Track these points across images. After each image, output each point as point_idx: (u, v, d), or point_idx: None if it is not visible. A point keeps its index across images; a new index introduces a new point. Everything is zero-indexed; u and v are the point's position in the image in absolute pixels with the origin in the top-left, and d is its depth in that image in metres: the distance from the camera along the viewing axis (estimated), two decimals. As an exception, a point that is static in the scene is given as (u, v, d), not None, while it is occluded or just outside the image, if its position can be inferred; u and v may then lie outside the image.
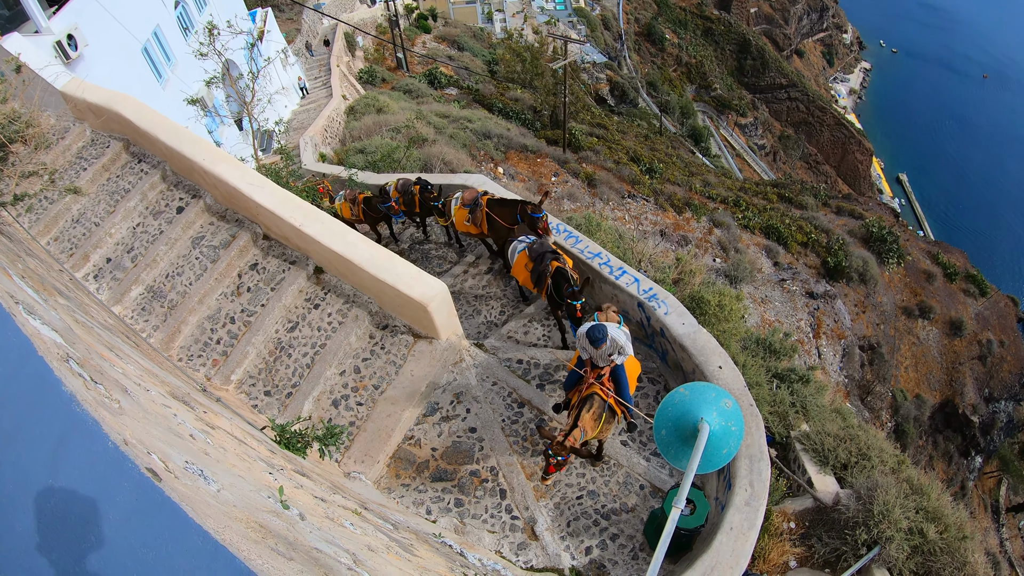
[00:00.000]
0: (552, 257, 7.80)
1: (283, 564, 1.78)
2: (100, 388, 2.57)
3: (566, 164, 16.38)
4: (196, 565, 1.63)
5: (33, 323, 2.69)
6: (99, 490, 1.86)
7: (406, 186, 10.72)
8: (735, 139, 56.45)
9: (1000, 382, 23.29)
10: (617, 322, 6.84)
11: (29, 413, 2.12)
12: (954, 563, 6.21)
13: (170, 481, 1.92)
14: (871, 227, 20.55)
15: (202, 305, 8.45)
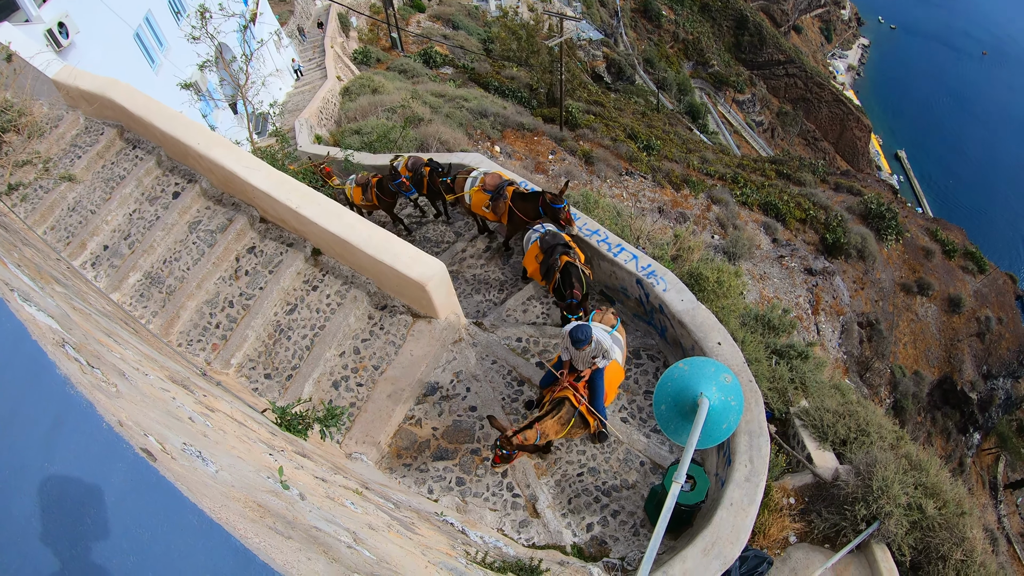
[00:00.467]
0: (563, 251, 7.67)
1: (281, 542, 1.79)
2: (97, 372, 2.56)
3: (563, 142, 16.28)
4: (191, 543, 1.63)
5: (28, 309, 2.68)
6: (94, 472, 1.86)
7: (416, 164, 10.52)
8: (733, 115, 56.12)
9: (998, 359, 23.36)
10: (612, 325, 6.79)
11: (24, 397, 2.11)
12: (953, 539, 6.24)
13: (165, 461, 1.93)
14: (869, 203, 20.49)
15: (200, 290, 8.43)
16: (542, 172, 14.67)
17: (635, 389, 7.76)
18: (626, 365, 7.98)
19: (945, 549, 6.22)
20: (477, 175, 9.32)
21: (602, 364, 6.35)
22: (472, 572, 2.93)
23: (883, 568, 6.16)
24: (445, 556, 3.16)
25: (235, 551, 1.60)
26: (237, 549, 1.60)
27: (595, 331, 6.12)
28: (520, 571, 3.78)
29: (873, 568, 6.27)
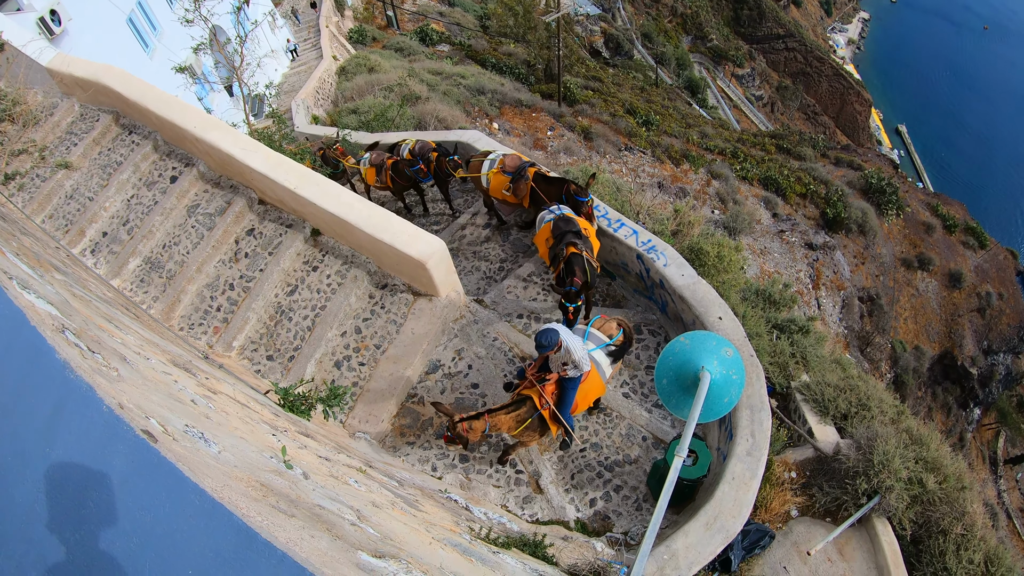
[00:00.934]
0: (573, 239, 7.35)
1: (284, 520, 1.79)
2: (98, 357, 2.56)
3: (561, 118, 16.16)
4: (193, 523, 1.64)
5: (27, 296, 2.67)
6: (95, 455, 1.86)
7: (424, 149, 10.17)
8: (732, 90, 55.63)
9: (999, 334, 23.36)
10: (610, 336, 6.54)
11: (24, 383, 2.11)
12: (953, 513, 6.27)
13: (167, 443, 1.93)
14: (870, 178, 20.36)
15: (200, 273, 8.43)
16: (541, 148, 14.58)
17: (636, 364, 7.78)
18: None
19: (945, 523, 6.25)
20: (495, 157, 8.97)
21: (572, 374, 6.09)
22: (476, 548, 2.95)
23: (884, 542, 6.20)
24: (449, 532, 3.19)
25: (237, 530, 1.60)
26: (239, 528, 1.60)
27: (569, 340, 5.82)
28: (524, 546, 3.82)
29: (874, 542, 6.31)
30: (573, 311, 7.08)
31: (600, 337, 6.50)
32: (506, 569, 2.76)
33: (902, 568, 6.04)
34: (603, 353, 6.47)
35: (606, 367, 6.48)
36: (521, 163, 8.64)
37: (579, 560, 4.11)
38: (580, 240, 7.29)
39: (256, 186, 8.68)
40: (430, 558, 2.26)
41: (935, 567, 6.22)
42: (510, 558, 3.13)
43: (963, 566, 6.13)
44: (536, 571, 3.10)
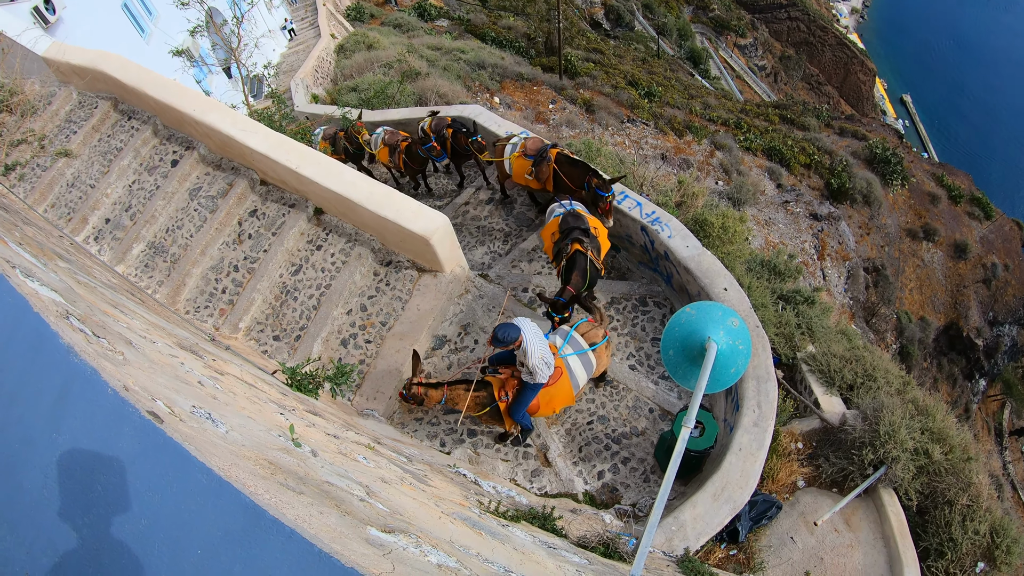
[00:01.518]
0: (579, 236, 7.01)
1: (292, 498, 1.81)
2: (103, 342, 2.57)
3: (563, 91, 16.01)
4: (201, 502, 1.64)
5: (31, 284, 2.67)
6: (102, 438, 1.87)
7: (439, 126, 9.87)
8: (735, 60, 54.86)
9: (1004, 306, 23.23)
10: (593, 343, 6.31)
11: (29, 369, 2.11)
12: (959, 484, 6.25)
13: (173, 423, 1.94)
14: (875, 148, 20.10)
15: (204, 256, 8.44)
16: (543, 122, 14.47)
17: (642, 336, 7.79)
18: (633, 314, 7.98)
19: (951, 494, 6.25)
20: (517, 140, 8.68)
21: (525, 378, 5.91)
22: (486, 522, 2.97)
23: (890, 512, 6.21)
24: (459, 507, 3.21)
25: (244, 508, 1.61)
26: (247, 505, 1.61)
27: (532, 343, 5.59)
28: (533, 519, 3.85)
29: (880, 512, 6.33)
30: (558, 321, 6.84)
31: (580, 343, 6.28)
32: (515, 542, 2.78)
33: (908, 538, 6.05)
34: (580, 358, 6.24)
35: (581, 376, 6.25)
36: (542, 146, 8.37)
37: (588, 532, 4.15)
38: (587, 239, 7.04)
39: (257, 167, 8.66)
40: (440, 532, 2.28)
41: (941, 537, 6.23)
42: (519, 531, 3.16)
43: (969, 537, 6.14)
44: (545, 543, 3.12)
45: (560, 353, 6.19)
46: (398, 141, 10.42)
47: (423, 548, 1.87)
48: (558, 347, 6.23)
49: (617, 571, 3.08)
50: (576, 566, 2.80)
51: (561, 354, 6.20)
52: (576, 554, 3.20)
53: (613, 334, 7.84)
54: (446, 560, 1.86)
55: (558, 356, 6.15)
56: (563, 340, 6.31)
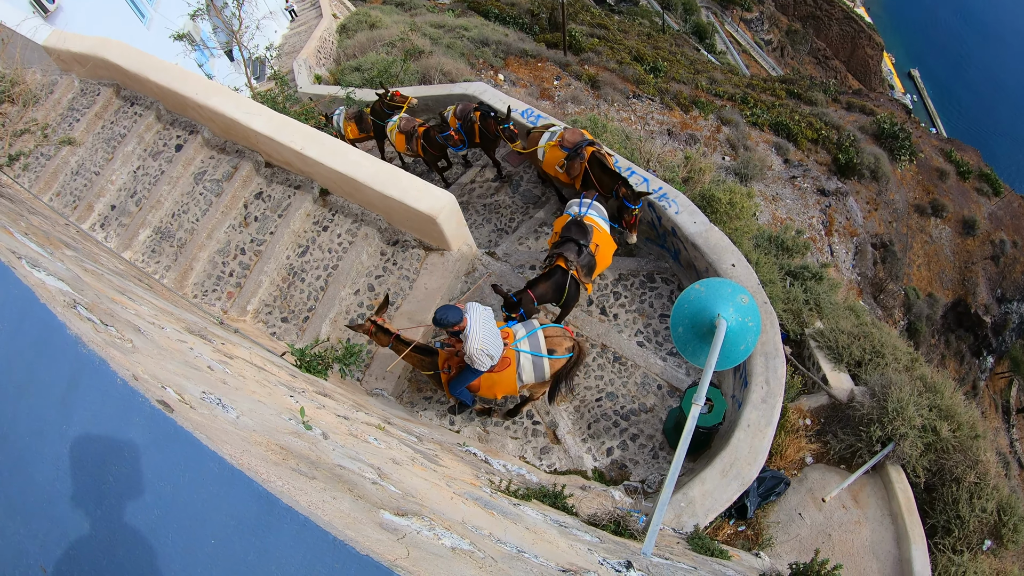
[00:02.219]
0: (568, 251, 6.78)
1: (304, 483, 1.81)
2: (111, 330, 2.57)
3: (567, 67, 15.84)
4: (213, 491, 1.64)
5: (37, 275, 2.67)
6: (112, 428, 1.87)
7: (466, 112, 9.31)
8: (741, 35, 54.09)
9: (1012, 283, 23.02)
10: (550, 352, 6.12)
11: (37, 361, 2.11)
12: (966, 461, 6.24)
13: (183, 412, 1.94)
14: (882, 123, 19.83)
15: (211, 240, 8.46)
16: (547, 98, 14.35)
17: (650, 313, 7.78)
18: (640, 291, 7.96)
19: (959, 472, 6.24)
20: (556, 130, 8.27)
21: (465, 359, 5.88)
22: (497, 501, 2.99)
23: (898, 489, 6.21)
24: (470, 486, 3.22)
25: (257, 496, 1.61)
26: (259, 494, 1.60)
27: (476, 331, 5.65)
28: (544, 498, 3.87)
29: (888, 489, 6.33)
30: (506, 319, 6.69)
31: (540, 346, 6.12)
32: (527, 521, 2.80)
33: (916, 515, 6.06)
34: (533, 358, 6.10)
35: (528, 375, 6.14)
36: (580, 140, 7.95)
37: (598, 510, 4.17)
38: (576, 256, 6.78)
39: (262, 149, 8.64)
40: (452, 513, 2.29)
41: (948, 515, 6.24)
42: (531, 510, 3.18)
43: (976, 514, 6.14)
44: (557, 522, 3.14)
45: (514, 344, 6.08)
46: (414, 127, 9.92)
47: (436, 531, 1.88)
48: (516, 337, 6.13)
49: (628, 549, 3.10)
50: (588, 544, 2.81)
51: (515, 346, 6.08)
52: (587, 532, 3.22)
53: (621, 310, 7.83)
54: (460, 543, 1.86)
55: (510, 347, 6.04)
56: (525, 333, 6.20)
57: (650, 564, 2.72)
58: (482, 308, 5.88)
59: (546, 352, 6.10)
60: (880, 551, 6.02)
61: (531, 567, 1.93)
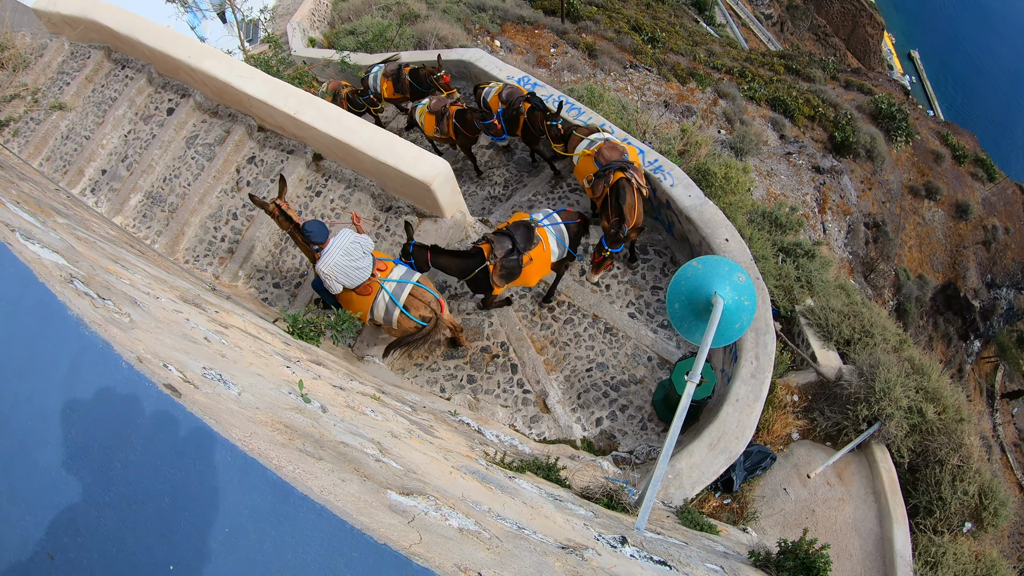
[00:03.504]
0: (506, 245, 6.64)
1: (313, 465, 1.80)
2: (108, 304, 2.53)
3: (565, 35, 15.62)
4: (227, 480, 1.63)
5: (32, 248, 2.62)
6: (118, 414, 1.84)
7: (512, 97, 8.41)
8: (741, 8, 53.16)
9: (1003, 269, 23.09)
10: (405, 308, 6.33)
11: (37, 344, 2.07)
12: (950, 444, 6.35)
13: (190, 394, 1.92)
14: (880, 103, 19.67)
15: (203, 205, 8.39)
16: (544, 66, 14.17)
17: (642, 285, 7.81)
18: (633, 262, 7.96)
19: (943, 454, 6.35)
20: (598, 139, 7.58)
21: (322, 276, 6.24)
22: (493, 474, 3.02)
23: (882, 468, 6.33)
24: (466, 459, 3.25)
25: (272, 485, 1.60)
26: (274, 483, 1.59)
27: (333, 255, 6.06)
28: (538, 470, 3.92)
29: (872, 468, 6.45)
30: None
31: (401, 294, 6.36)
32: (524, 496, 2.83)
33: (899, 495, 6.18)
34: (388, 302, 6.34)
35: (380, 310, 6.39)
36: (614, 161, 7.18)
37: (591, 483, 4.23)
38: (504, 256, 6.63)
39: (255, 113, 8.53)
40: (452, 489, 2.31)
41: (930, 496, 6.37)
42: (526, 483, 3.22)
43: (958, 496, 6.27)
44: (552, 496, 3.18)
45: (382, 279, 6.38)
46: (445, 106, 8.99)
47: (443, 511, 1.89)
48: (389, 275, 6.44)
49: (622, 523, 3.15)
50: (583, 519, 2.86)
51: (382, 280, 6.36)
52: (581, 506, 3.27)
53: (613, 281, 7.86)
54: (466, 523, 1.88)
55: (377, 279, 6.36)
56: (398, 277, 6.45)
57: (644, 539, 2.78)
58: (353, 238, 6.20)
59: (402, 305, 6.32)
60: (862, 529, 6.14)
61: (533, 545, 1.96)
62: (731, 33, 45.24)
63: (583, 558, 2.06)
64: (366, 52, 12.62)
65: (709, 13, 44.25)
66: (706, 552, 3.27)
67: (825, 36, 60.42)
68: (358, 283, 6.31)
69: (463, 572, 1.44)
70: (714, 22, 43.54)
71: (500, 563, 1.64)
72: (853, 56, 59.33)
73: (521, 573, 1.63)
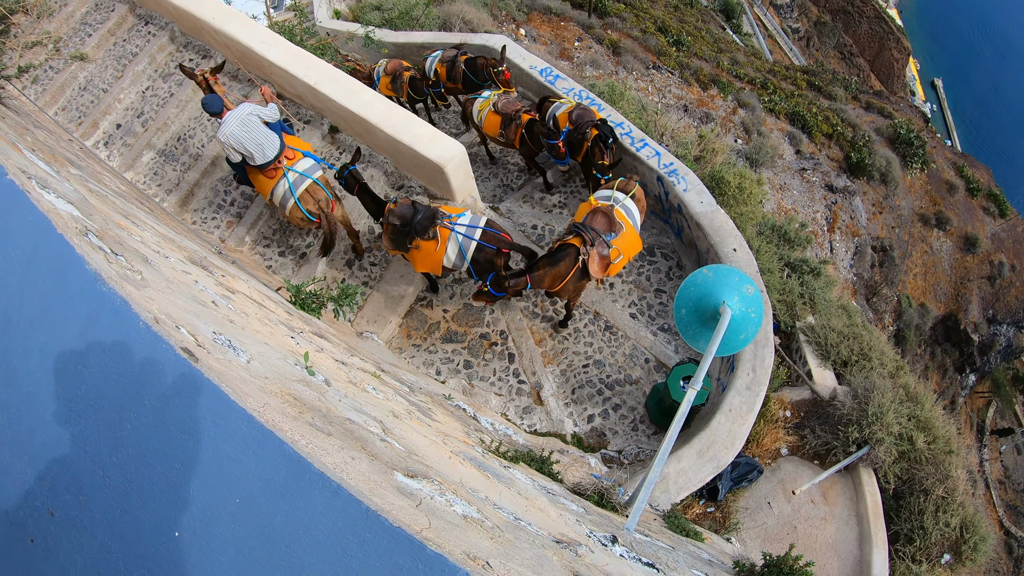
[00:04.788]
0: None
1: (324, 441, 1.78)
2: (121, 260, 2.51)
3: (590, 29, 15.50)
4: (243, 451, 1.61)
5: (48, 197, 2.59)
6: (133, 374, 1.79)
7: (582, 120, 7.66)
8: (769, 19, 52.83)
9: (1005, 306, 23.01)
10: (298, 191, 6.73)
11: (52, 296, 2.02)
12: (937, 475, 6.37)
13: (205, 359, 1.89)
14: (899, 128, 19.55)
15: (215, 167, 8.37)
16: (567, 59, 14.09)
17: (646, 286, 7.81)
18: (639, 263, 7.96)
19: (929, 484, 6.37)
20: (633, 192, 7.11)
21: None
22: (489, 462, 3.02)
23: (867, 492, 6.35)
24: (463, 445, 3.26)
25: (288, 459, 1.57)
26: (291, 457, 1.56)
27: (225, 123, 6.38)
28: (531, 461, 3.93)
29: (857, 491, 6.47)
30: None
31: (301, 186, 6.80)
32: (519, 486, 2.84)
33: (881, 520, 6.21)
34: (281, 192, 6.79)
35: (280, 192, 6.78)
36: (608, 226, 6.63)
37: (583, 479, 4.25)
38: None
39: (275, 80, 8.49)
40: (452, 474, 2.29)
41: (912, 524, 6.39)
42: (520, 474, 3.22)
43: (939, 527, 6.28)
44: (545, 488, 3.19)
45: (287, 166, 6.78)
46: (518, 111, 8.11)
47: (447, 496, 1.88)
48: (295, 164, 6.83)
49: (612, 522, 3.16)
50: (575, 515, 2.87)
51: (287, 167, 6.78)
52: (573, 501, 3.28)
53: (617, 280, 7.87)
54: (469, 510, 1.87)
55: (283, 167, 6.77)
56: (303, 169, 6.85)
57: (633, 540, 2.79)
58: (251, 110, 6.47)
59: (296, 196, 6.76)
60: (842, 550, 6.17)
61: (531, 538, 1.96)
62: (757, 43, 45.01)
63: (577, 554, 2.06)
64: (391, 29, 12.53)
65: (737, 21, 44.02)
66: (692, 558, 3.28)
67: (850, 55, 60.06)
68: (261, 159, 6.60)
69: (472, 560, 1.43)
70: (741, 31, 43.30)
71: (505, 553, 1.63)
72: (876, 78, 59.02)
73: (524, 565, 1.63)
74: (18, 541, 1.65)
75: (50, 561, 1.61)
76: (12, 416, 1.80)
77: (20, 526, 1.65)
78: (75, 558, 1.59)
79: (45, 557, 1.62)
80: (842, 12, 63.38)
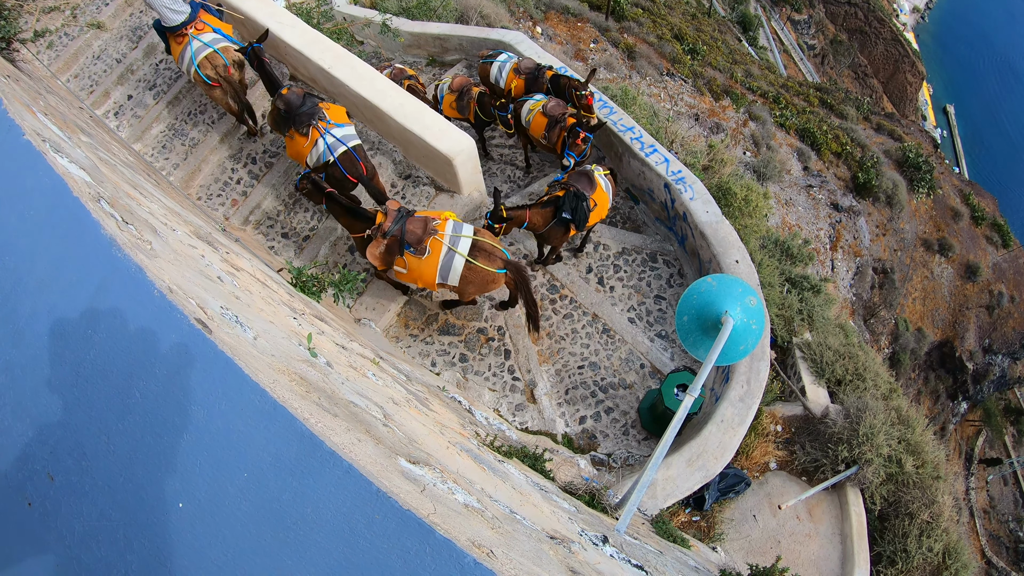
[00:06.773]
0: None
1: (332, 421, 1.77)
2: (131, 229, 2.49)
3: (607, 32, 15.48)
4: (255, 425, 1.59)
5: (61, 161, 2.55)
6: (144, 342, 1.78)
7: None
8: (785, 34, 52.85)
9: (1002, 336, 23.05)
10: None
11: (65, 259, 1.99)
12: (923, 499, 6.40)
13: (218, 332, 1.88)
14: (908, 151, 19.58)
15: (224, 145, 8.35)
16: (581, 60, 14.08)
17: (646, 292, 7.82)
18: (641, 268, 7.97)
19: (914, 508, 6.40)
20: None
21: None
22: (485, 456, 3.02)
23: (853, 511, 6.38)
24: (460, 436, 3.26)
25: (300, 436, 1.55)
26: (302, 434, 1.55)
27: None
28: (524, 458, 3.93)
29: (843, 509, 6.49)
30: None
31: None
32: (513, 480, 2.84)
33: (865, 540, 6.23)
34: (190, 55, 7.41)
35: (186, 58, 7.42)
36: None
37: (574, 479, 4.26)
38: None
39: (289, 62, 8.48)
40: (450, 464, 2.29)
41: (895, 547, 6.41)
42: (514, 469, 3.23)
43: (922, 552, 6.31)
44: (538, 485, 3.20)
45: (193, 35, 7.42)
46: (564, 115, 7.89)
47: (448, 484, 1.88)
48: (200, 34, 7.45)
49: (603, 523, 3.17)
50: (568, 513, 2.87)
51: (192, 35, 7.42)
52: (565, 500, 3.29)
53: (618, 283, 7.87)
54: (469, 499, 1.86)
55: (188, 35, 7.47)
56: (207, 41, 7.43)
57: (623, 542, 2.80)
58: None
59: (196, 63, 7.43)
60: (825, 568, 6.19)
61: (528, 531, 1.97)
62: (772, 57, 45.03)
63: (570, 551, 2.07)
64: (407, 18, 12.50)
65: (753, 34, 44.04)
66: (679, 564, 3.29)
67: (864, 76, 60.10)
68: (168, 22, 7.38)
69: (477, 548, 1.43)
70: (756, 44, 43.29)
71: (506, 544, 1.63)
72: (889, 100, 59.07)
73: (525, 556, 1.63)
74: (16, 504, 1.62)
75: (47, 526, 1.58)
76: (16, 377, 1.76)
77: (19, 489, 1.62)
78: (73, 524, 1.57)
79: (43, 521, 1.59)
80: (859, 32, 63.40)
